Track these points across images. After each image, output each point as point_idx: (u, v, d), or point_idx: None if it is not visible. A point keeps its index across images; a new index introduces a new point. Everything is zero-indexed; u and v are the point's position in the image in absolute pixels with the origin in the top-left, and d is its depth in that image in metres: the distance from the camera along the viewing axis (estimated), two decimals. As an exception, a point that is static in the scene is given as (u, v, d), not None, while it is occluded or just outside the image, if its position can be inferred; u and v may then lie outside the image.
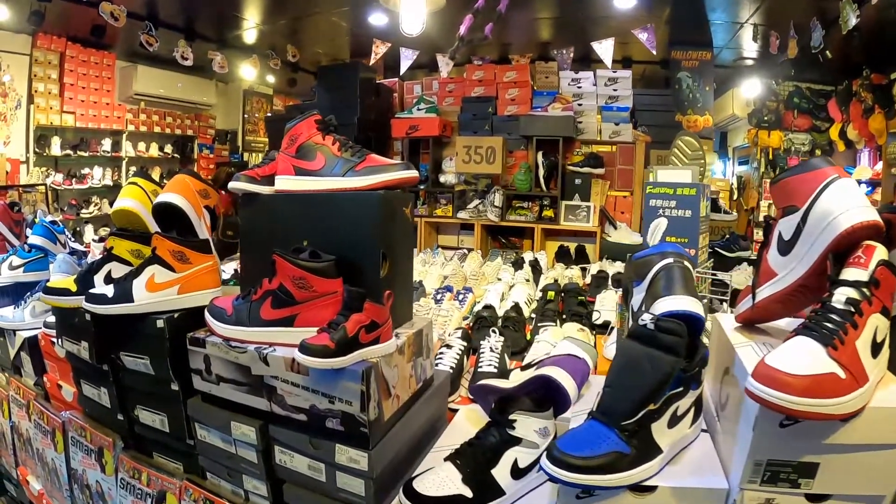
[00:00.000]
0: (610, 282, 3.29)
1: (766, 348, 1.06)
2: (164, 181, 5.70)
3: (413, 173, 1.41)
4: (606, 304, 2.81)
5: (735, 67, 6.95)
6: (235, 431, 1.37)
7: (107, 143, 6.53)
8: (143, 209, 1.73)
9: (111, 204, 6.56)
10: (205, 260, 1.56)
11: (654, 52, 5.48)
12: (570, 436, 0.99)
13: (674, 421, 1.03)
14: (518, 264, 3.71)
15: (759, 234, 7.01)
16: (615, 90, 5.11)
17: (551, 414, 1.31)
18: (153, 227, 1.71)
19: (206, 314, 1.42)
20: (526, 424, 1.25)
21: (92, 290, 1.52)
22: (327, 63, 6.68)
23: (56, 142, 6.05)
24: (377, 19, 5.27)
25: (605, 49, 5.33)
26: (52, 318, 2.03)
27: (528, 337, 2.48)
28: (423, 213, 5.06)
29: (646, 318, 1.05)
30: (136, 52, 6.34)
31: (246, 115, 8.22)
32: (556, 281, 3.25)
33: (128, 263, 1.68)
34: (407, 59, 5.46)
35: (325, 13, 5.39)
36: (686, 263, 1.27)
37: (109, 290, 1.49)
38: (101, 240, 2.82)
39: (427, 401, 1.53)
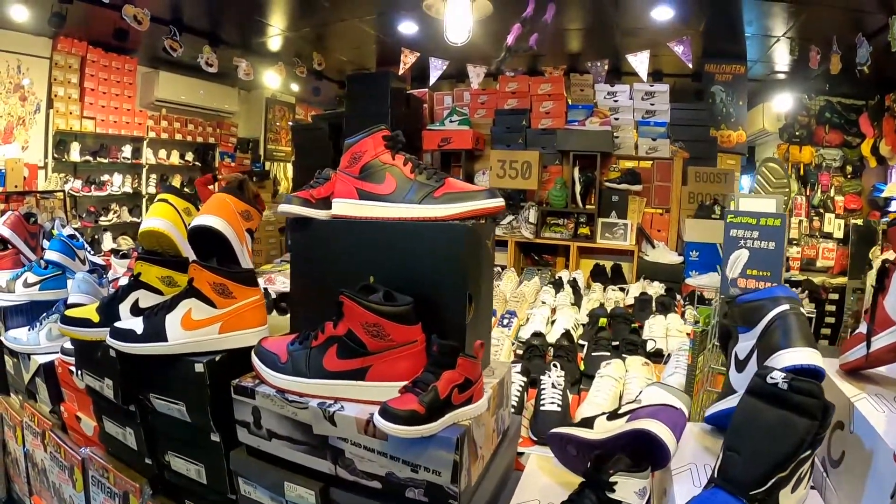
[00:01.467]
0: (654, 305, 3.10)
1: (882, 400, 1.01)
2: (186, 189, 5.50)
3: (500, 202, 1.21)
4: (656, 331, 2.64)
5: (766, 81, 6.73)
6: (290, 493, 1.17)
7: (127, 150, 6.35)
8: (174, 230, 1.53)
9: (130, 212, 6.40)
10: (250, 294, 1.36)
11: (690, 66, 5.30)
12: (697, 508, 0.87)
13: (797, 484, 0.91)
14: (558, 285, 3.51)
15: (788, 251, 6.79)
16: (652, 104, 4.93)
17: (649, 472, 1.10)
18: (186, 250, 1.52)
19: (255, 359, 1.22)
20: (626, 486, 1.06)
21: (118, 325, 1.33)
22: (352, 72, 6.52)
23: (75, 147, 5.88)
24: (407, 28, 5.09)
25: (640, 61, 5.17)
26: (69, 344, 1.83)
27: (582, 367, 2.29)
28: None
29: (777, 377, 0.90)
30: (159, 57, 6.19)
31: (268, 124, 8.02)
32: (601, 305, 3.04)
33: (157, 292, 1.49)
34: (437, 69, 5.29)
35: (352, 21, 5.21)
36: (802, 310, 1.10)
37: (138, 326, 1.29)
38: (123, 255, 2.61)
39: (503, 453, 1.33)
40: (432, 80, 5.31)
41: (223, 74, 6.76)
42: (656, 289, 3.64)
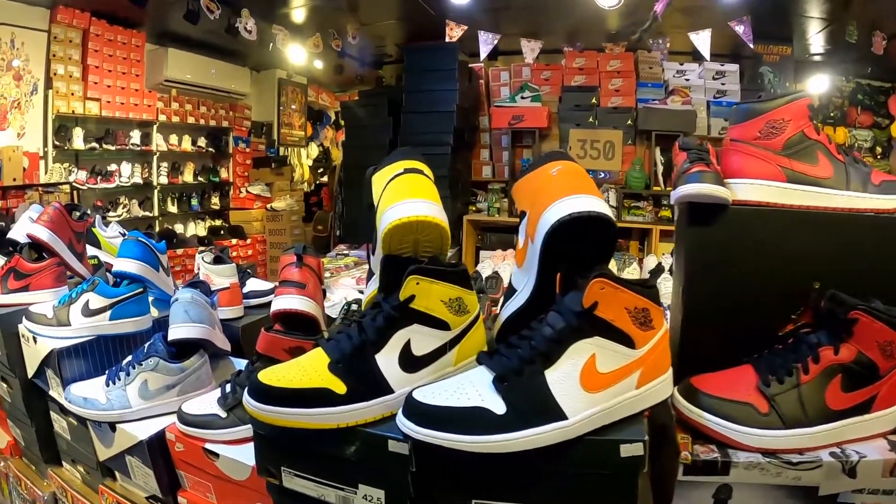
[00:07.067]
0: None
1: None
2: (198, 179, 4.51)
3: None
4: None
5: (801, 62, 6.25)
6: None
7: (136, 136, 5.36)
8: (446, 220, 0.91)
9: (141, 205, 5.47)
10: (664, 320, 0.84)
11: (752, 46, 4.75)
12: None
13: None
14: (657, 271, 2.96)
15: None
16: (723, 84, 4.35)
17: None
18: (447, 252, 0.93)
19: (705, 415, 0.83)
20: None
21: (422, 398, 0.75)
22: (405, 43, 5.63)
23: (78, 133, 4.90)
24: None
25: (702, 40, 4.58)
26: (193, 408, 1.15)
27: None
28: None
29: None
30: (167, 32, 5.27)
31: (282, 107, 7.04)
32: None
33: (441, 326, 0.84)
34: (486, 43, 4.55)
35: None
36: None
37: (491, 399, 0.74)
38: (217, 259, 1.79)
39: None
40: (482, 54, 4.58)
41: (234, 53, 5.89)
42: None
